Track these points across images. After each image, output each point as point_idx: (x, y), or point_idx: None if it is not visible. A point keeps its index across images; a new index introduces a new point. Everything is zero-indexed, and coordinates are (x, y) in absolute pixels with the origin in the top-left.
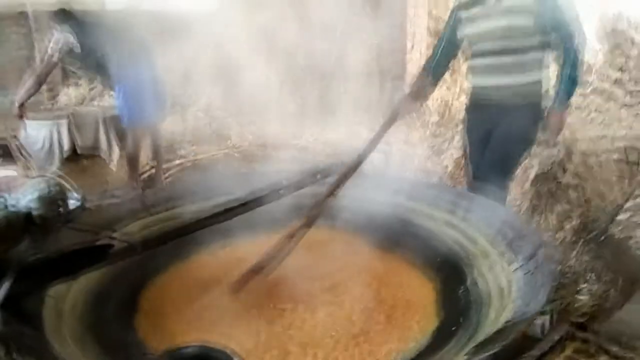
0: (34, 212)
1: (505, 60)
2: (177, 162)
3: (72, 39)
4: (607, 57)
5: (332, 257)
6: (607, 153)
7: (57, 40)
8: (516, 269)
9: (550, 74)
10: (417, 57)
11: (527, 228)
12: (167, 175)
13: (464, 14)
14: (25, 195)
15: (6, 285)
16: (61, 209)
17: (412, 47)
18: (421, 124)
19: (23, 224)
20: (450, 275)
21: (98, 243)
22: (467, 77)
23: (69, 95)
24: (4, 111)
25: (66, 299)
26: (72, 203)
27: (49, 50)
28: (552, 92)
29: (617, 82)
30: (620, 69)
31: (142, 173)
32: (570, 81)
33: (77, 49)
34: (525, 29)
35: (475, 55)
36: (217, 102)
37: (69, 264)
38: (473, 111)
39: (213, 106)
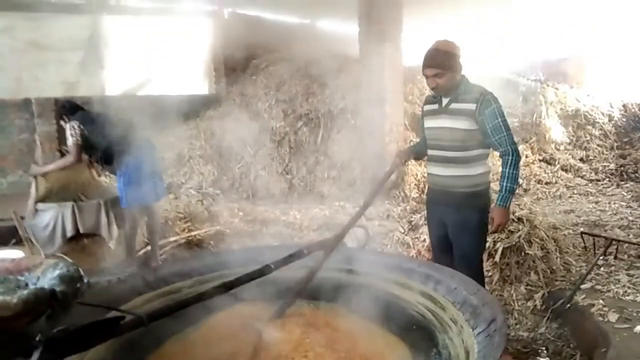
0: (57, 289)
1: (452, 154)
2: (172, 239)
3: (82, 126)
4: (571, 137)
5: (314, 327)
6: (574, 226)
7: (72, 126)
8: (479, 333)
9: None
10: (395, 138)
11: (488, 296)
12: (162, 252)
13: (426, 108)
14: (45, 275)
15: (36, 356)
16: (79, 286)
17: (391, 129)
18: (402, 199)
19: (48, 300)
20: (424, 339)
21: (109, 316)
22: None
23: None
24: (1, 192)
25: None
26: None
27: (71, 138)
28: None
29: (582, 159)
30: (585, 148)
31: (138, 251)
32: (512, 179)
33: (86, 137)
34: (467, 131)
35: (429, 146)
36: (209, 181)
37: (85, 336)
38: (430, 201)
39: (205, 184)
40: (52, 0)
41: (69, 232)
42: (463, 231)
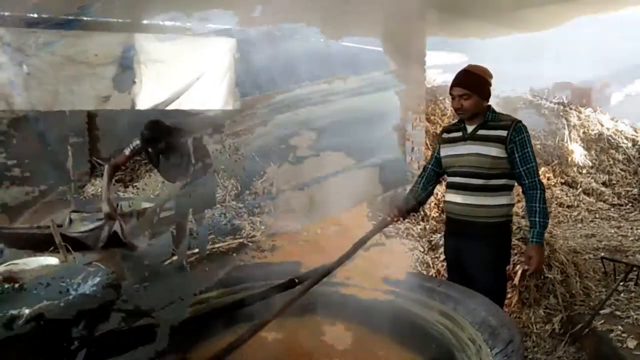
0: (98, 295)
1: (475, 182)
2: (195, 250)
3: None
4: (594, 161)
5: (334, 344)
6: (594, 251)
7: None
8: (497, 353)
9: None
10: (417, 157)
11: (506, 318)
12: (187, 262)
13: (446, 136)
14: (86, 281)
15: (81, 357)
16: (117, 293)
17: (412, 149)
18: (422, 218)
19: (89, 305)
20: (442, 358)
21: (143, 323)
22: None
23: (95, 185)
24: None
25: None
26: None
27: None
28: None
29: (605, 184)
30: (608, 172)
31: (164, 261)
32: (544, 213)
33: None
34: (496, 159)
35: (449, 174)
36: (232, 194)
37: (122, 341)
38: (448, 231)
39: (228, 198)
40: (89, 19)
41: (103, 239)
42: (483, 267)
